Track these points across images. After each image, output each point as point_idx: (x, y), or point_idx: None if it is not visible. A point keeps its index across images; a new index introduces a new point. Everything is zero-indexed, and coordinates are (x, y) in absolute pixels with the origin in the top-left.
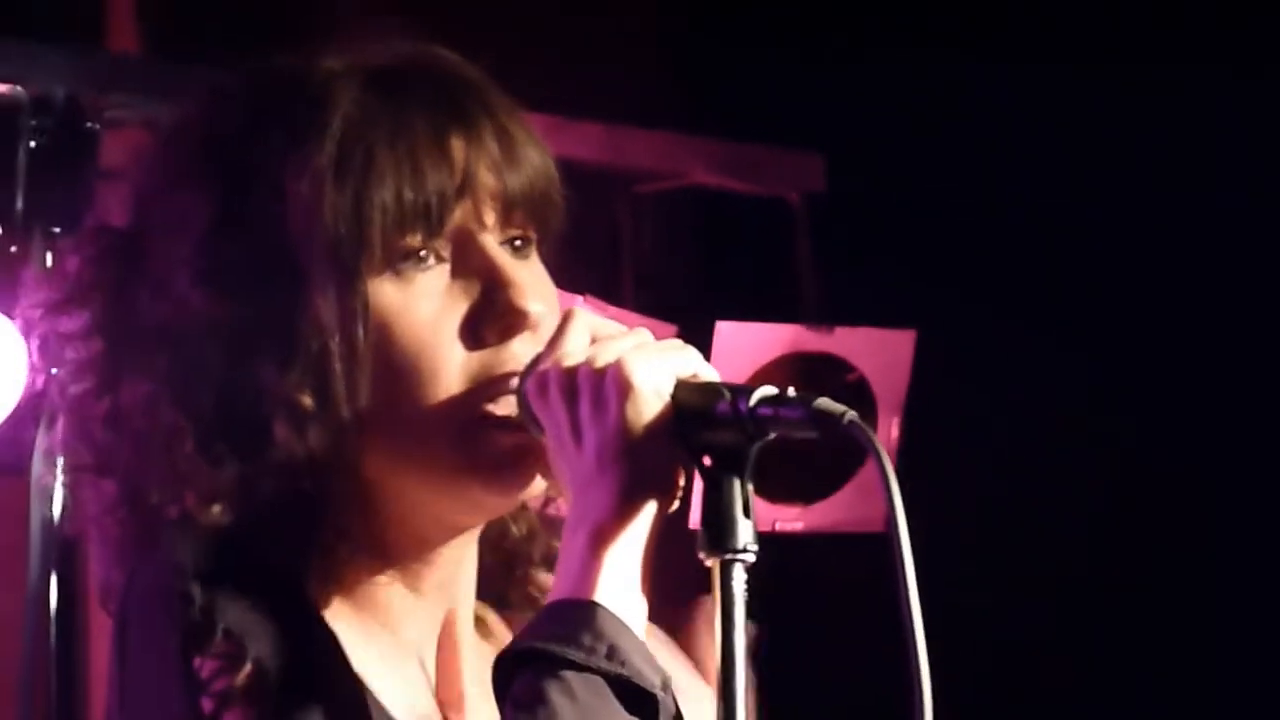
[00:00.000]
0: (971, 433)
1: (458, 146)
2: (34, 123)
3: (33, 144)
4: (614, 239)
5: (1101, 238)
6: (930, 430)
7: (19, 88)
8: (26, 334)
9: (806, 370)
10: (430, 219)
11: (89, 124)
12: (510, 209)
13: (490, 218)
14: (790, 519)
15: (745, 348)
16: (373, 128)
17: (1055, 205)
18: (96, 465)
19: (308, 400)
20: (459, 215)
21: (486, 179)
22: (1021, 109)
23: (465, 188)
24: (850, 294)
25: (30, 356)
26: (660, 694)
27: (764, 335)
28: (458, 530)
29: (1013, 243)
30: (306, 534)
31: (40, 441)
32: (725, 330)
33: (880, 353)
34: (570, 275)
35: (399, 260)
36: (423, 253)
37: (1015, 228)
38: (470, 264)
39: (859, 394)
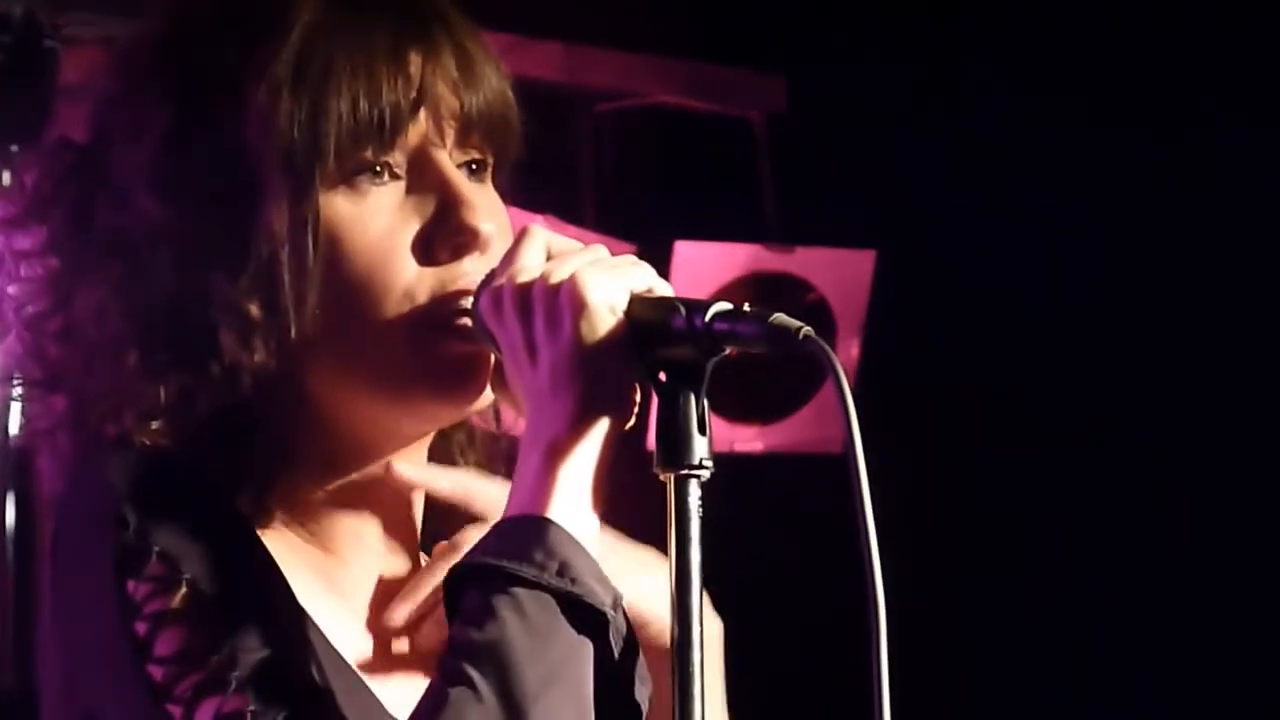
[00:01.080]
0: (930, 353)
1: (416, 62)
2: None
3: None
4: (574, 159)
5: (1061, 156)
6: (889, 350)
7: None
8: None
9: (766, 290)
10: (385, 132)
11: (47, 41)
12: (468, 129)
13: (447, 136)
14: (749, 439)
15: (704, 267)
16: (332, 40)
17: (1016, 123)
18: (47, 380)
19: (255, 309)
20: (415, 132)
21: (445, 96)
22: (984, 30)
23: (421, 102)
24: (810, 214)
25: None
26: (610, 613)
27: (723, 255)
28: (404, 441)
29: (973, 162)
30: (245, 453)
31: None
32: (684, 250)
33: (840, 272)
34: (530, 195)
35: (353, 173)
36: (377, 167)
37: (976, 146)
38: (425, 181)
39: (819, 314)
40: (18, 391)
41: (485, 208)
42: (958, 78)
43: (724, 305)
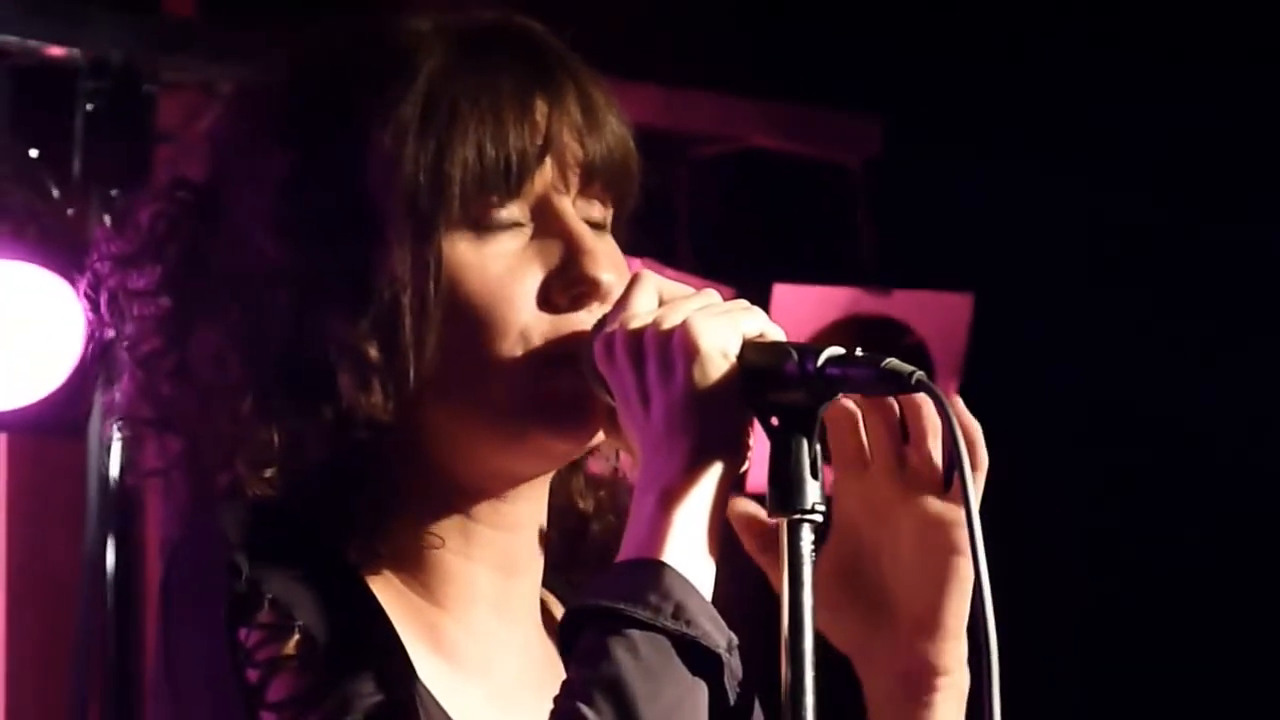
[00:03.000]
0: (1029, 399)
1: (541, 109)
2: (91, 85)
3: (89, 107)
4: (671, 202)
5: (1167, 204)
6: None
7: (76, 51)
8: (95, 289)
9: (864, 333)
10: (510, 179)
11: (145, 87)
12: (590, 176)
13: (571, 184)
14: None
15: (803, 310)
16: (458, 85)
17: (1116, 170)
18: (160, 421)
19: (374, 352)
20: (540, 180)
21: (569, 143)
22: (1083, 74)
23: (547, 150)
24: (907, 258)
25: (91, 314)
26: (725, 655)
27: (822, 298)
28: (520, 481)
29: (1071, 207)
30: (356, 500)
31: (99, 401)
32: (783, 293)
33: (938, 316)
34: (628, 238)
35: (477, 218)
36: (501, 213)
37: (1075, 192)
38: (548, 229)
39: (917, 357)
40: (119, 434)
41: (607, 257)
42: (1058, 120)
43: (836, 350)
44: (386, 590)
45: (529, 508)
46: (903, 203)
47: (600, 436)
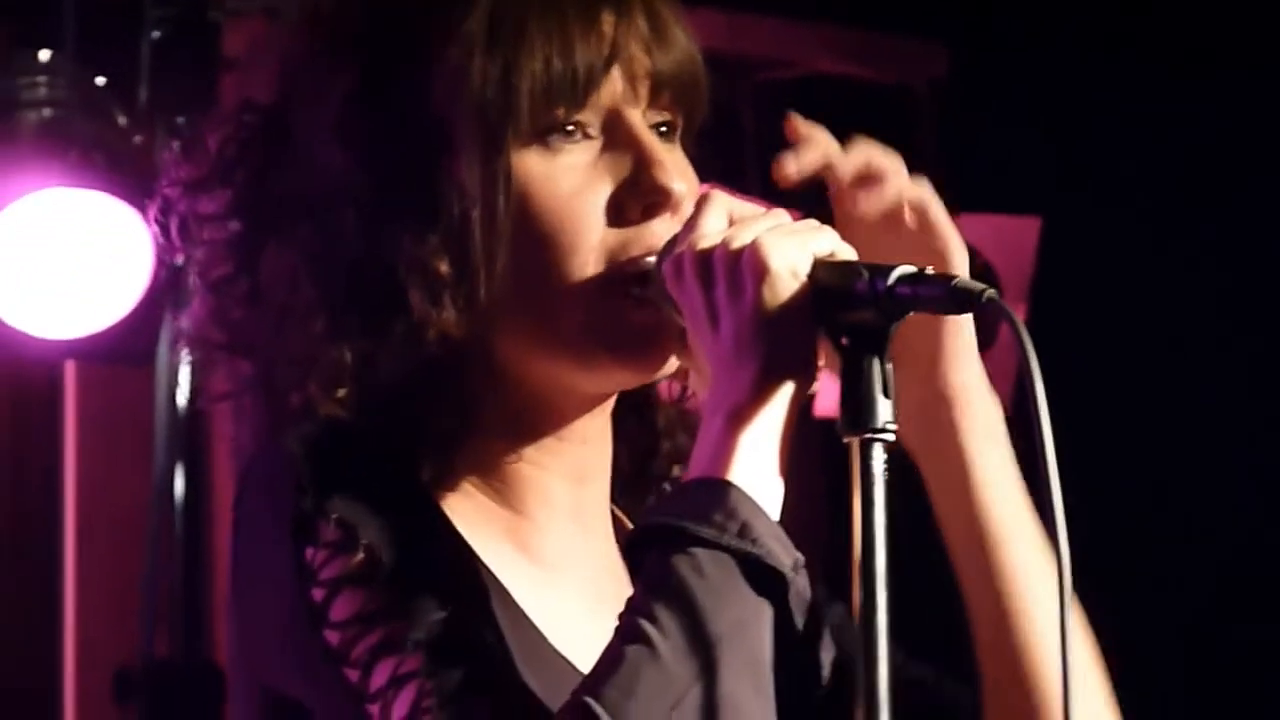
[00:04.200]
0: (1096, 322)
1: (608, 21)
2: (157, 13)
3: (155, 35)
4: (737, 126)
5: (1236, 129)
6: (1054, 319)
7: None
8: (164, 215)
9: None
10: (578, 91)
11: (211, 13)
12: (659, 88)
13: (640, 96)
14: None
15: None
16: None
17: (1186, 91)
18: (231, 344)
19: (444, 267)
20: (608, 92)
21: (637, 55)
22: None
23: (614, 61)
24: (974, 182)
25: (161, 240)
26: (791, 574)
27: None
28: (591, 401)
29: (1139, 130)
30: (429, 417)
31: (167, 329)
32: None
33: (1005, 240)
34: (694, 164)
35: (545, 132)
36: (569, 126)
37: (1142, 115)
38: (617, 141)
39: (984, 280)
40: (189, 359)
41: (677, 168)
42: (1123, 43)
43: (907, 268)
44: (463, 503)
45: (599, 421)
46: (969, 125)
47: (670, 365)
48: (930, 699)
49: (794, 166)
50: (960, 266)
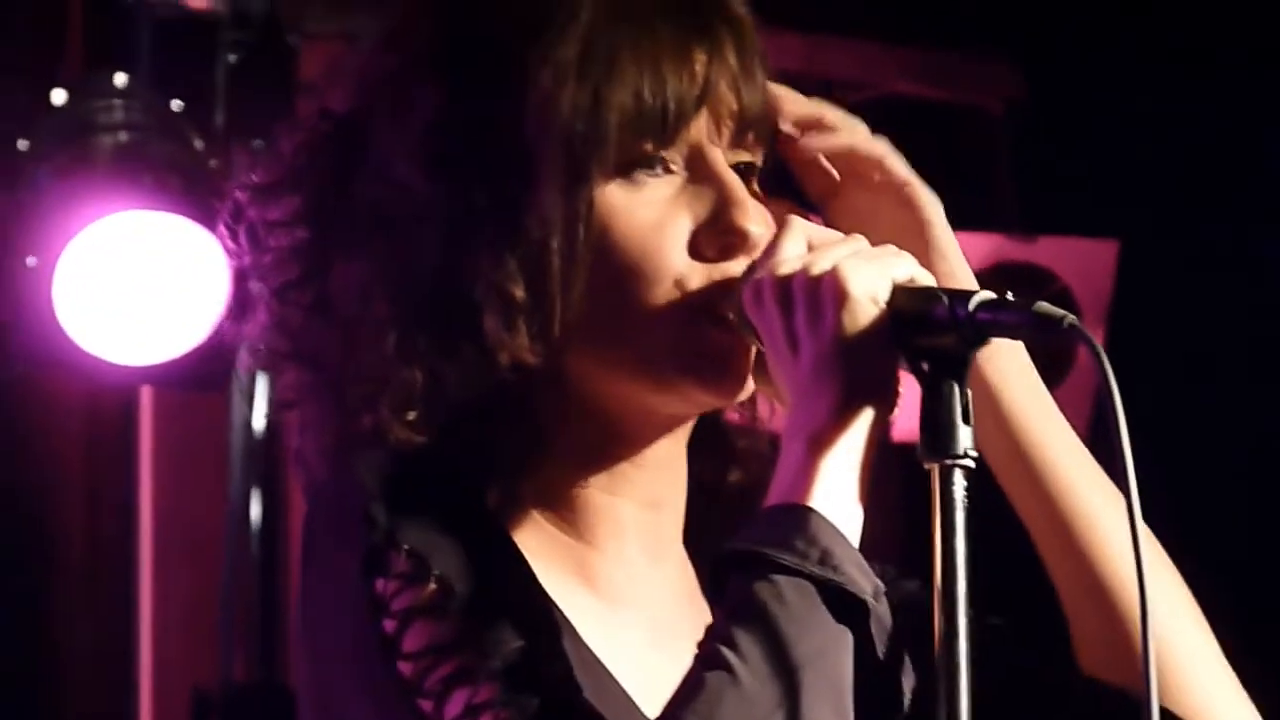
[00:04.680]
0: (1174, 345)
1: (700, 58)
2: (233, 37)
3: (232, 58)
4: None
5: None
6: (1131, 342)
7: (219, 3)
8: (234, 219)
9: (1010, 279)
10: (666, 126)
11: (288, 38)
12: (744, 128)
13: (724, 135)
14: None
15: None
16: (618, 30)
17: (1269, 115)
18: (294, 352)
19: (520, 292)
20: (694, 129)
21: (725, 94)
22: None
23: (704, 99)
24: (1051, 204)
25: (229, 243)
26: (871, 602)
27: (966, 244)
28: (664, 425)
29: (1215, 154)
30: (498, 443)
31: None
32: None
33: (1083, 262)
34: (772, 185)
35: (629, 164)
36: (654, 160)
37: (1219, 138)
38: (700, 178)
39: (1063, 304)
40: (252, 365)
41: (756, 209)
42: (1202, 65)
43: (987, 294)
44: (532, 531)
45: (672, 447)
46: (1046, 147)
47: (748, 388)
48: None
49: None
50: (935, 213)
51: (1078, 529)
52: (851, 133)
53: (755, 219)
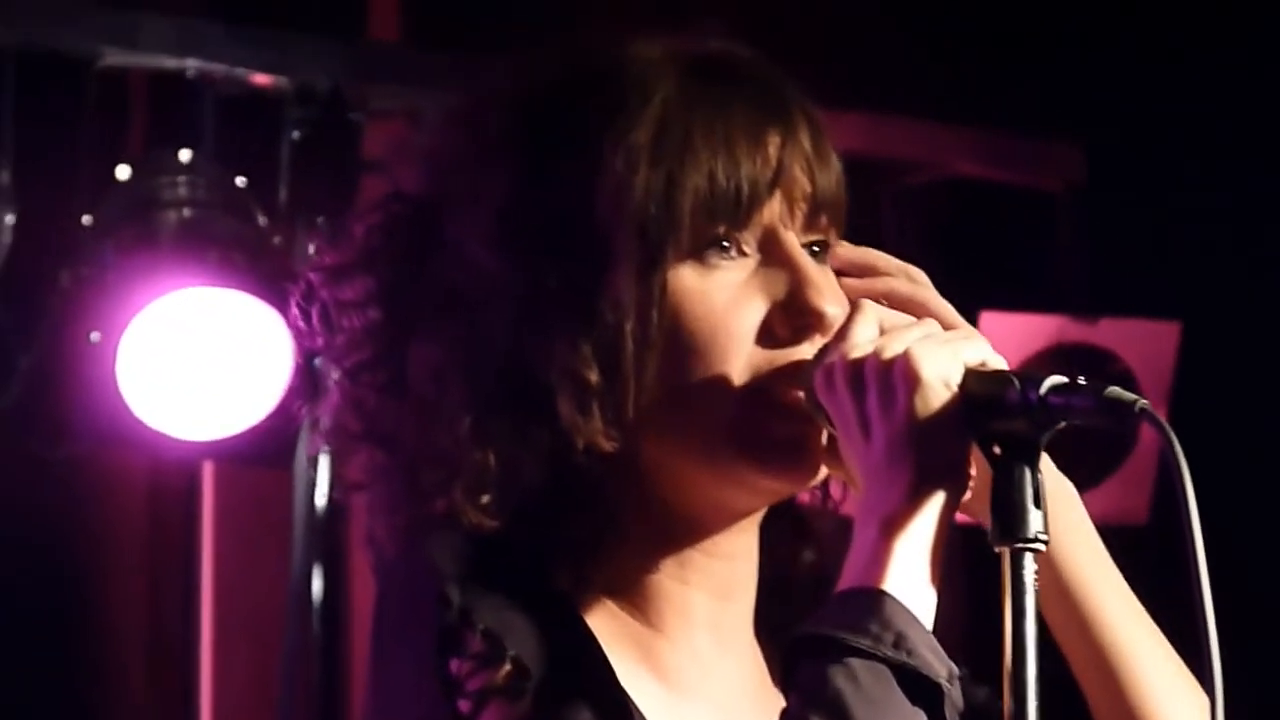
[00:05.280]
0: (1237, 428)
1: (774, 141)
2: (297, 113)
3: (296, 135)
4: (877, 231)
5: None
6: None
7: (282, 78)
8: (306, 300)
9: (1071, 361)
10: (740, 208)
11: (352, 115)
12: (817, 210)
13: (797, 217)
14: None
15: (1010, 338)
16: (691, 113)
17: None
18: (367, 433)
19: (595, 376)
20: (768, 212)
21: (799, 177)
22: None
23: (778, 182)
24: (1113, 286)
25: (302, 325)
26: (946, 685)
27: (1028, 326)
28: (737, 516)
29: (1276, 235)
30: (570, 528)
31: (305, 431)
32: (989, 321)
33: (1145, 344)
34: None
35: (703, 247)
36: (727, 243)
37: None
38: (773, 260)
39: (1124, 386)
40: (325, 448)
41: (831, 290)
42: (1263, 149)
43: (1059, 379)
44: (601, 617)
45: (744, 538)
46: (1108, 229)
47: (818, 476)
48: None
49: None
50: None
51: (1123, 677)
52: (895, 279)
53: (830, 299)
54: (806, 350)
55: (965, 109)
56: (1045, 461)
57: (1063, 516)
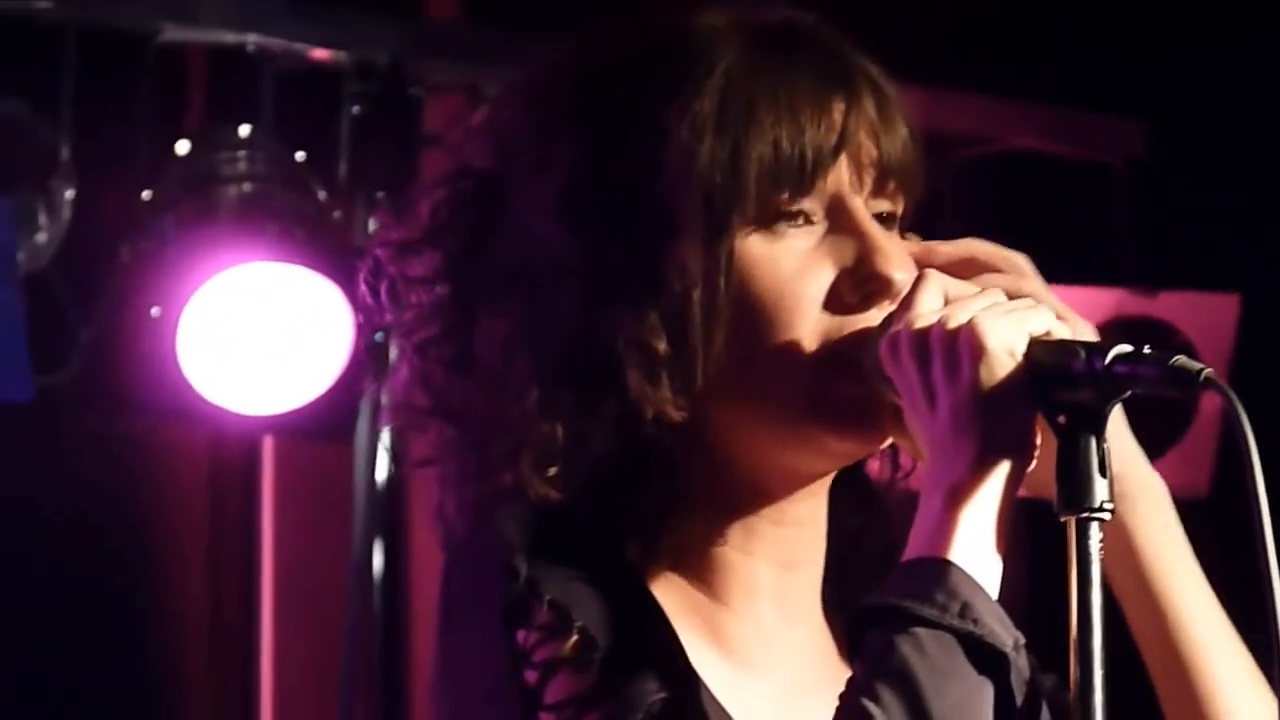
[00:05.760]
0: None
1: (838, 108)
2: (356, 88)
3: (356, 110)
4: (935, 205)
5: None
6: (1253, 398)
7: (342, 54)
8: (374, 276)
9: (1131, 334)
10: (805, 175)
11: (411, 90)
12: (884, 177)
13: (865, 184)
14: None
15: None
16: (755, 82)
17: None
18: (435, 409)
19: (663, 346)
20: (834, 178)
21: (865, 143)
22: None
23: (842, 148)
24: (1172, 259)
25: (370, 301)
26: (1012, 654)
27: (1088, 299)
28: (805, 480)
29: None
30: (638, 499)
31: (366, 404)
32: None
33: (1204, 317)
34: None
35: (770, 215)
36: (794, 210)
37: None
38: (840, 227)
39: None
40: (392, 424)
41: (899, 256)
42: None
43: (1124, 348)
44: (667, 588)
45: (811, 505)
46: (1167, 203)
47: (885, 440)
48: None
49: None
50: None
51: (1195, 674)
52: (1001, 276)
53: (898, 265)
54: (875, 316)
55: (1025, 83)
56: (1140, 458)
57: (1154, 518)
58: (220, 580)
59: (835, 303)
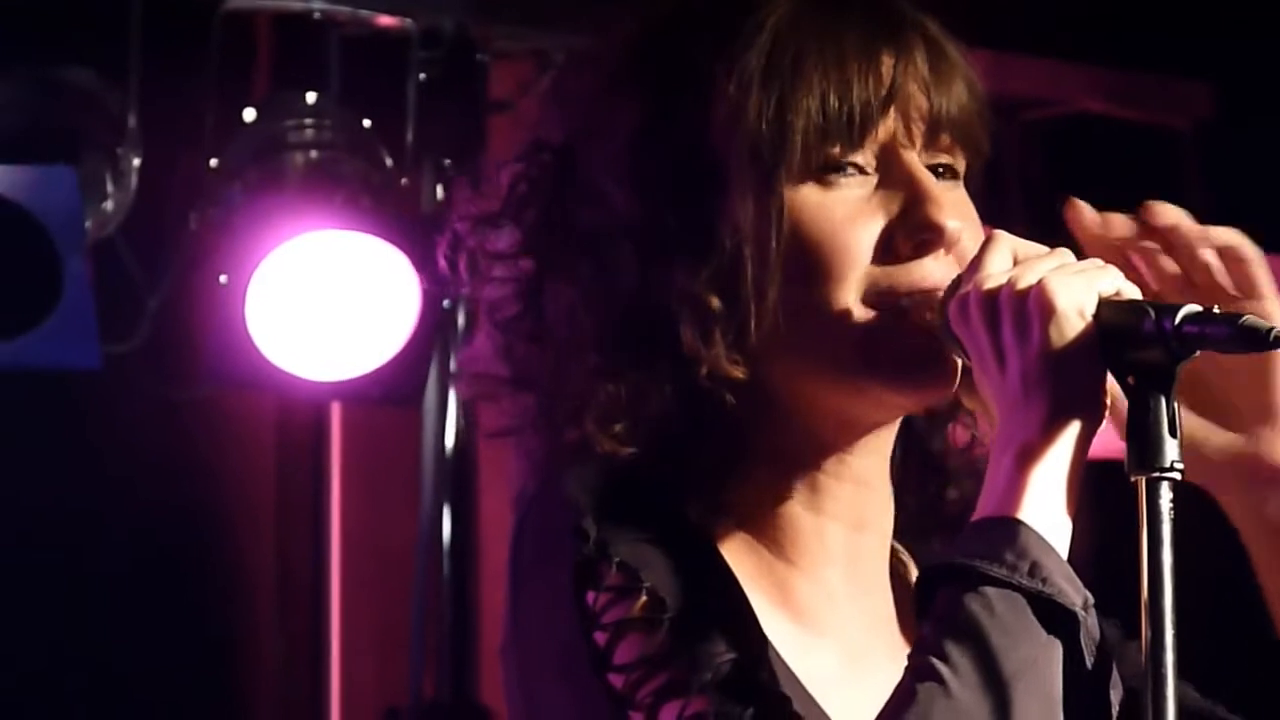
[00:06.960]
0: None
1: (887, 62)
2: (423, 55)
3: (422, 76)
4: (1002, 167)
5: None
6: None
7: (409, 20)
8: (454, 250)
9: None
10: (854, 130)
11: (478, 56)
12: (936, 130)
13: (916, 137)
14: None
15: None
16: (803, 36)
17: None
18: (515, 380)
19: (715, 301)
20: (884, 131)
21: (915, 96)
22: None
23: (891, 101)
24: (1239, 222)
25: (448, 274)
26: (1081, 613)
27: None
28: (864, 432)
29: None
30: (703, 453)
31: (434, 370)
32: None
33: (1274, 279)
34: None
35: (819, 169)
36: (845, 162)
37: None
38: (892, 178)
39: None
40: (470, 394)
41: (953, 205)
42: None
43: (1194, 307)
44: (734, 548)
45: (875, 461)
46: (1234, 166)
47: (940, 392)
48: None
49: (1089, 217)
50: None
51: None
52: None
53: (950, 213)
54: (929, 265)
55: (1093, 46)
56: None
57: None
58: (289, 545)
59: (887, 252)
